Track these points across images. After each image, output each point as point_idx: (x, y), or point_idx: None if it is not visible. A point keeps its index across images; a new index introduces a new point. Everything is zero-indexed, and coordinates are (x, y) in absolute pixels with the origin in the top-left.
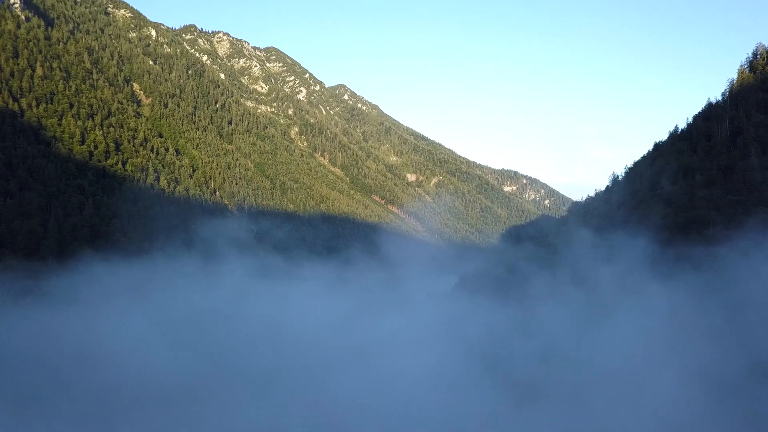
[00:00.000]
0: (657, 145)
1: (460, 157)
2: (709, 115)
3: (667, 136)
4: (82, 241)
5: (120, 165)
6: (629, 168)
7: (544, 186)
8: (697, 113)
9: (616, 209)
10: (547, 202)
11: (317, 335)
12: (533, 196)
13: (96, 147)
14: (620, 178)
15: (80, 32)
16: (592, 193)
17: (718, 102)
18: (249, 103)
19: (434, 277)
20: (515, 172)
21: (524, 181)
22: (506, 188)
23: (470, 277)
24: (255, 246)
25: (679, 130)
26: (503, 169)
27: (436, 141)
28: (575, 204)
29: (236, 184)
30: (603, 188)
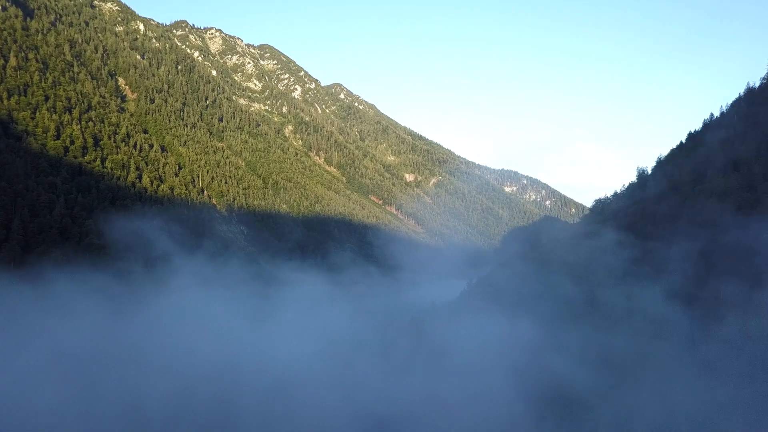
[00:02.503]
0: (692, 135)
1: (458, 156)
2: (752, 100)
3: (702, 125)
4: (50, 244)
5: (98, 162)
6: (660, 160)
7: (545, 186)
8: (735, 98)
9: (655, 205)
10: (548, 203)
11: (300, 386)
12: (534, 197)
13: (72, 142)
14: (648, 172)
15: (62, 24)
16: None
17: (762, 85)
18: (242, 101)
19: (439, 283)
20: (515, 173)
21: (524, 182)
22: (506, 189)
23: (488, 284)
24: (243, 249)
25: (714, 118)
26: (503, 169)
27: (434, 141)
28: (599, 201)
29: (225, 183)
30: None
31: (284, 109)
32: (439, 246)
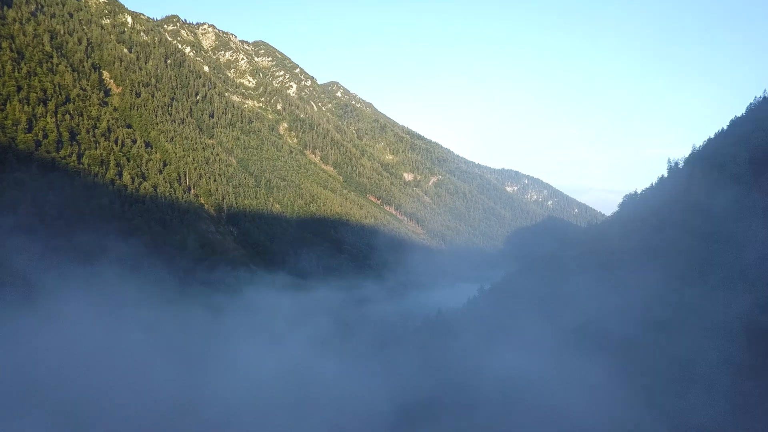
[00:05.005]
0: (734, 121)
1: (458, 156)
2: None
3: (745, 110)
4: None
5: (74, 157)
6: (696, 150)
7: (546, 186)
8: None
9: (707, 200)
10: (550, 203)
11: None
12: (535, 197)
13: (45, 136)
14: (680, 165)
15: (44, 15)
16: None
17: None
18: (235, 97)
19: (443, 287)
20: (516, 172)
21: (525, 182)
22: (508, 188)
23: (508, 292)
24: (232, 251)
25: (758, 100)
26: (503, 168)
27: (433, 140)
28: (629, 197)
29: (215, 181)
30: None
31: (279, 107)
32: (440, 247)
